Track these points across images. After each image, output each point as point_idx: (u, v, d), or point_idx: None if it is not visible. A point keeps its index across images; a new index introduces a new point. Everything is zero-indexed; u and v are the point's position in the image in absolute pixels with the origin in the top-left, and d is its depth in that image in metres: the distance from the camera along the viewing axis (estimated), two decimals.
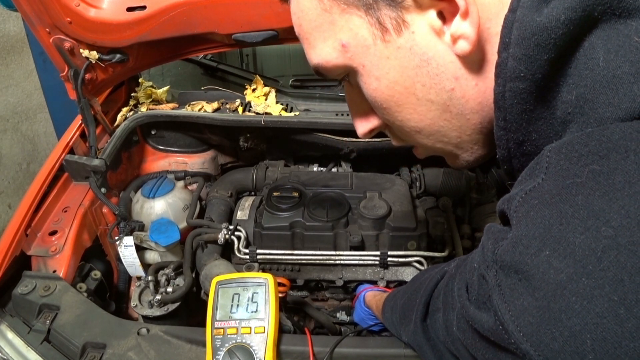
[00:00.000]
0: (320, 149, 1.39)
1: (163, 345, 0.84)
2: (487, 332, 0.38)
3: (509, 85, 0.38)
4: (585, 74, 0.36)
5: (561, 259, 0.31)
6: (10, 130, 2.49)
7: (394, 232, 1.13)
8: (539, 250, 0.32)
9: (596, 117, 0.35)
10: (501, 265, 0.35)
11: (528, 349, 0.32)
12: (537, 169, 0.36)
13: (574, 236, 0.31)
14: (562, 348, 0.30)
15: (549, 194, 0.34)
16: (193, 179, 1.43)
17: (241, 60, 2.12)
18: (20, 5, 0.99)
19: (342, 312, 1.20)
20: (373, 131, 0.58)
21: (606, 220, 0.30)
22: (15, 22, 2.42)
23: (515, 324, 0.33)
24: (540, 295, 0.31)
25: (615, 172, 0.31)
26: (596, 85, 0.35)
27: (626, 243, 0.29)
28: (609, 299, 0.28)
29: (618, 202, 0.30)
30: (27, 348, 0.86)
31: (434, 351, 0.60)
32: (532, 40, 0.36)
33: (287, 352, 0.83)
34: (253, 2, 1.08)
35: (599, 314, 0.29)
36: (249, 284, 0.86)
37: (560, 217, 0.32)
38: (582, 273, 0.30)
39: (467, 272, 0.44)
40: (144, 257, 1.26)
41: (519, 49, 0.36)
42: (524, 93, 0.38)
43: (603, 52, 0.35)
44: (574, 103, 0.36)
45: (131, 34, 1.11)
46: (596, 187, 0.31)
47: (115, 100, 1.40)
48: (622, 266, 0.28)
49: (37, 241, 1.07)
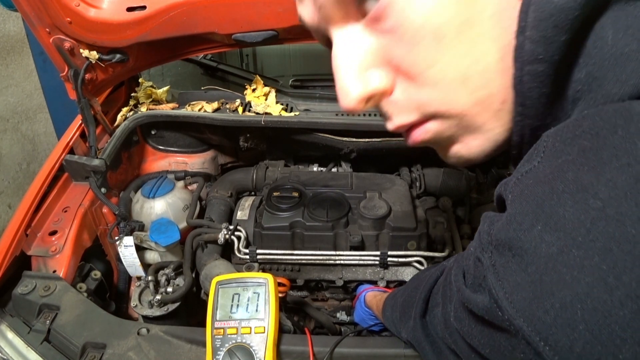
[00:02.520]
0: (320, 149, 1.39)
1: (163, 345, 0.84)
2: (482, 312, 0.38)
3: (527, 69, 0.37)
4: (594, 52, 0.36)
5: (552, 232, 0.31)
6: (10, 130, 2.49)
7: (394, 232, 1.13)
8: (532, 225, 0.33)
9: (603, 94, 0.35)
10: (496, 245, 0.36)
11: (521, 324, 0.32)
12: (534, 154, 0.36)
13: (564, 210, 0.31)
14: (554, 321, 0.30)
15: (543, 173, 0.34)
16: (193, 179, 1.43)
17: (241, 60, 2.12)
18: (20, 5, 0.99)
19: (342, 312, 1.20)
20: (369, 99, 0.43)
21: (594, 193, 0.30)
22: (15, 22, 2.42)
23: (508, 300, 0.33)
24: (533, 269, 0.32)
25: (604, 148, 0.31)
26: (604, 62, 0.35)
27: (614, 214, 0.29)
28: (598, 269, 0.29)
29: (605, 175, 0.30)
30: (27, 348, 0.86)
31: (432, 347, 0.61)
32: (550, 22, 0.35)
33: (287, 352, 0.83)
34: (253, 2, 1.08)
35: (589, 284, 0.29)
36: (249, 284, 0.86)
37: (551, 193, 0.32)
38: (572, 245, 0.30)
39: (464, 260, 0.44)
40: (144, 257, 1.26)
41: (536, 31, 0.36)
42: (543, 75, 0.37)
43: (612, 32, 0.35)
44: (583, 81, 0.36)
45: (131, 34, 1.11)
46: (585, 162, 0.32)
47: (115, 100, 1.40)
48: (610, 236, 0.29)
49: (37, 241, 1.07)
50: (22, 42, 2.49)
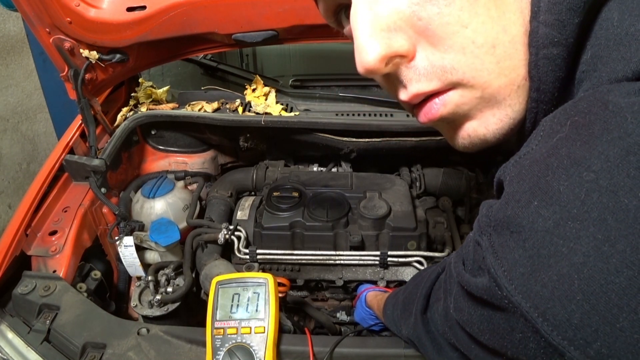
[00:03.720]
0: (320, 149, 1.39)
1: (163, 345, 0.84)
2: (481, 292, 0.38)
3: (543, 53, 0.38)
4: (600, 33, 0.36)
5: (548, 207, 0.32)
6: (10, 130, 2.49)
7: (394, 232, 1.13)
8: (528, 202, 0.33)
9: (608, 72, 0.35)
10: (494, 226, 0.36)
11: (520, 300, 0.33)
12: (533, 138, 0.37)
13: (559, 184, 0.32)
14: (552, 293, 0.31)
15: (539, 153, 0.35)
16: (193, 179, 1.43)
17: (241, 60, 2.12)
18: (20, 5, 0.99)
19: (342, 312, 1.20)
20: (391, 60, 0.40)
21: (587, 166, 0.31)
22: (15, 22, 2.42)
23: (507, 277, 0.34)
24: (530, 244, 0.32)
25: (595, 123, 0.32)
26: (609, 42, 0.36)
27: (607, 185, 0.30)
28: (594, 238, 0.29)
29: (597, 148, 0.31)
30: (27, 348, 0.86)
31: (433, 344, 0.61)
32: (564, 5, 0.36)
33: (287, 352, 0.83)
34: (253, 2, 1.08)
35: (585, 254, 0.29)
36: (249, 284, 0.86)
37: (546, 169, 0.33)
38: (567, 217, 0.31)
39: (464, 248, 0.45)
40: (144, 257, 1.26)
41: (551, 14, 0.36)
42: (558, 59, 0.38)
43: (617, 13, 0.36)
44: (588, 62, 0.37)
45: (131, 34, 1.11)
46: (577, 138, 0.32)
47: (115, 100, 1.40)
48: (604, 206, 0.29)
49: (37, 241, 1.07)
50: (22, 42, 2.49)
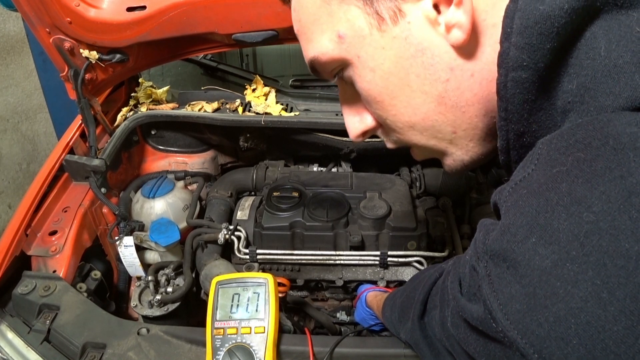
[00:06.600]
0: (320, 149, 1.39)
1: (163, 345, 0.84)
2: (476, 322, 0.38)
3: (512, 75, 0.38)
4: (587, 63, 0.36)
5: (546, 245, 0.31)
6: (10, 130, 2.49)
7: (394, 232, 1.13)
8: (526, 237, 0.33)
9: (596, 106, 0.35)
10: (491, 255, 0.36)
11: (515, 336, 0.32)
12: (528, 161, 0.36)
13: (558, 222, 0.31)
14: (548, 334, 0.30)
15: (537, 183, 0.34)
16: (193, 179, 1.43)
17: (241, 60, 2.12)
18: (20, 5, 0.99)
19: (342, 312, 1.20)
20: (366, 133, 0.57)
21: (588, 206, 0.30)
22: (15, 22, 2.42)
23: (503, 312, 0.33)
24: (527, 282, 0.32)
25: (597, 159, 0.31)
26: (597, 74, 0.35)
27: (607, 227, 0.29)
28: (592, 283, 0.29)
29: (599, 188, 0.30)
30: (27, 348, 0.86)
31: (430, 349, 0.61)
32: (535, 29, 0.36)
33: (287, 352, 0.83)
34: (253, 2, 1.08)
35: (582, 298, 0.29)
36: (249, 284, 0.86)
37: (546, 204, 0.32)
38: (566, 258, 0.30)
39: (461, 267, 0.45)
40: (144, 257, 1.26)
41: (522, 37, 0.36)
42: (527, 82, 0.37)
43: (604, 42, 0.35)
44: (574, 92, 0.36)
45: (131, 34, 1.11)
46: (579, 174, 0.32)
47: (115, 100, 1.40)
48: (604, 250, 0.29)
49: (37, 241, 1.07)
50: (22, 42, 2.49)
